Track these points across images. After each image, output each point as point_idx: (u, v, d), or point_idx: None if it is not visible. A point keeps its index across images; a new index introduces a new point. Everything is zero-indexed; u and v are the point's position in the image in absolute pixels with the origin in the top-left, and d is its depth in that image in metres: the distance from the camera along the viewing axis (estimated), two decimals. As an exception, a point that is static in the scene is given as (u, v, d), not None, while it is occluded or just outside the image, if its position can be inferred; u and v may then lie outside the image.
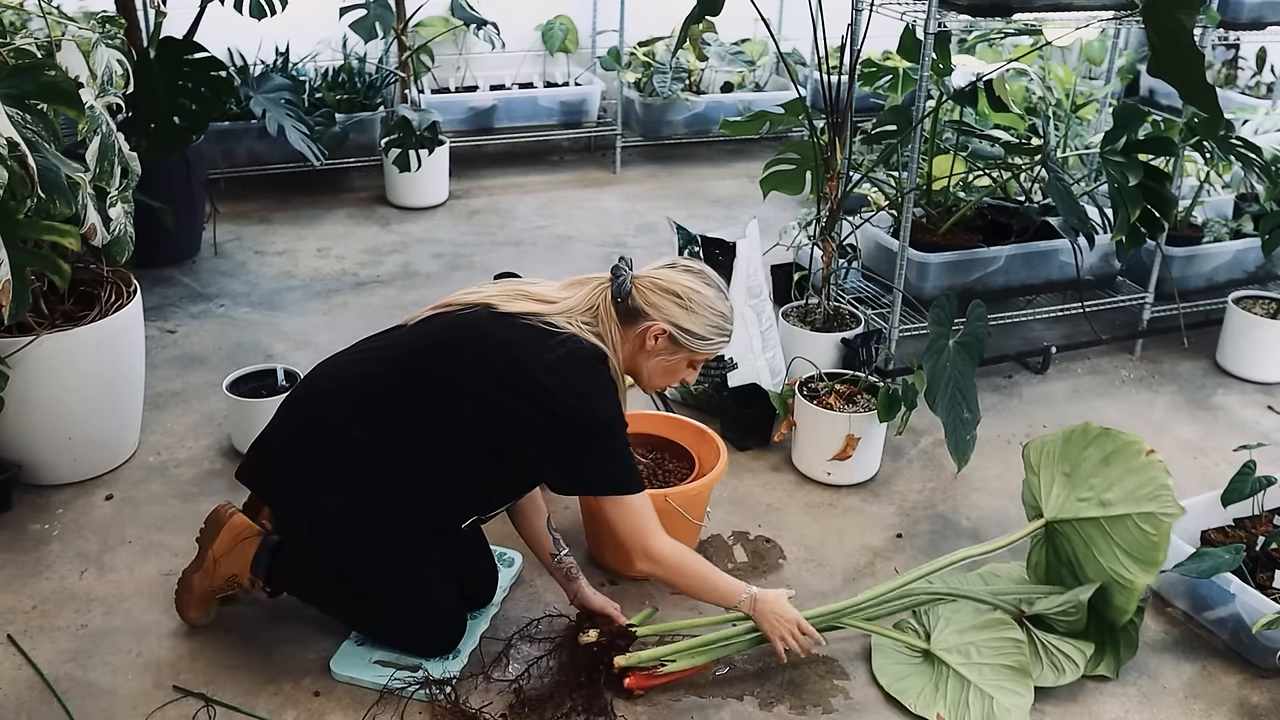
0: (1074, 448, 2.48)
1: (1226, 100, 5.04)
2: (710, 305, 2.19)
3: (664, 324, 2.17)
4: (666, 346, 2.20)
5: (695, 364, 2.26)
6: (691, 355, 2.22)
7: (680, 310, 2.18)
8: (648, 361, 2.23)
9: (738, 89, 5.88)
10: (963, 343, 2.90)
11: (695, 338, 2.19)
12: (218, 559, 2.36)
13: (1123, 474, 2.38)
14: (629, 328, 2.20)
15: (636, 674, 2.25)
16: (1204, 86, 2.54)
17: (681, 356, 2.23)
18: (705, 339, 2.20)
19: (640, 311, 2.18)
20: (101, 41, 2.91)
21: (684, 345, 2.19)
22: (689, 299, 2.18)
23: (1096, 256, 3.71)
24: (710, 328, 2.19)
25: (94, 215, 2.58)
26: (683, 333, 2.18)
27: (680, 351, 2.21)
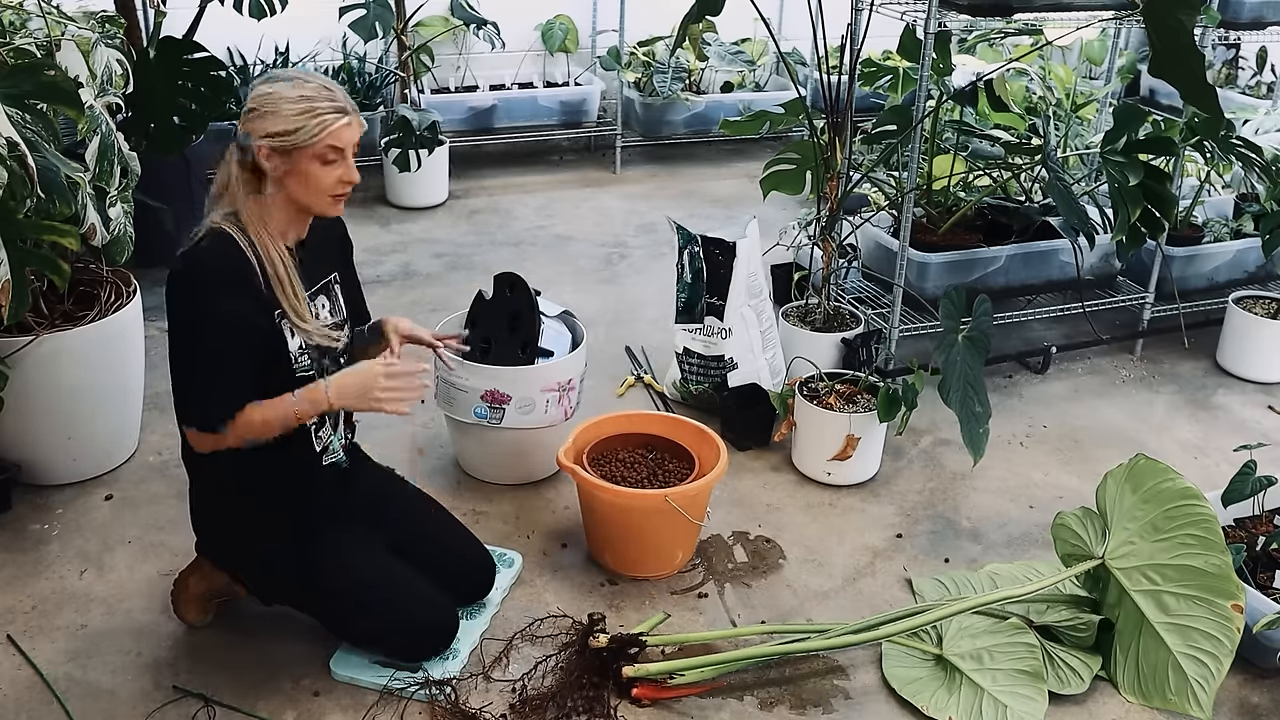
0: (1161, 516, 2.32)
1: (1227, 100, 5.04)
2: (285, 97, 2.02)
3: (260, 142, 2.03)
4: (281, 160, 2.04)
5: (322, 155, 2.05)
6: (305, 153, 2.03)
7: (260, 119, 2.03)
8: (287, 187, 2.07)
9: (738, 89, 5.88)
10: (971, 338, 2.90)
11: (288, 135, 2.02)
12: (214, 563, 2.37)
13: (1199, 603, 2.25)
14: (245, 163, 2.07)
15: (645, 685, 2.25)
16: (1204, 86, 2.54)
17: (297, 161, 2.04)
18: (297, 130, 2.01)
19: (248, 147, 2.06)
20: (101, 41, 2.91)
21: (290, 147, 2.03)
22: (261, 105, 2.03)
23: (1096, 256, 3.70)
24: (296, 116, 2.01)
25: (94, 215, 2.58)
26: (275, 138, 2.02)
27: (293, 156, 2.04)
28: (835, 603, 2.61)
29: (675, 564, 2.68)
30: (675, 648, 2.38)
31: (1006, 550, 2.83)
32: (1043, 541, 2.87)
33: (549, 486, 3.00)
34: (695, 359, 3.35)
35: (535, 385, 2.85)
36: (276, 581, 2.31)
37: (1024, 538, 2.88)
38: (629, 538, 2.63)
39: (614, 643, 2.30)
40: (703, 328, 3.31)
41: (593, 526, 2.69)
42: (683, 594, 2.61)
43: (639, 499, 2.56)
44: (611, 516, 2.62)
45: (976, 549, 2.83)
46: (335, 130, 2.04)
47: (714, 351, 3.31)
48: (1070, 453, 3.29)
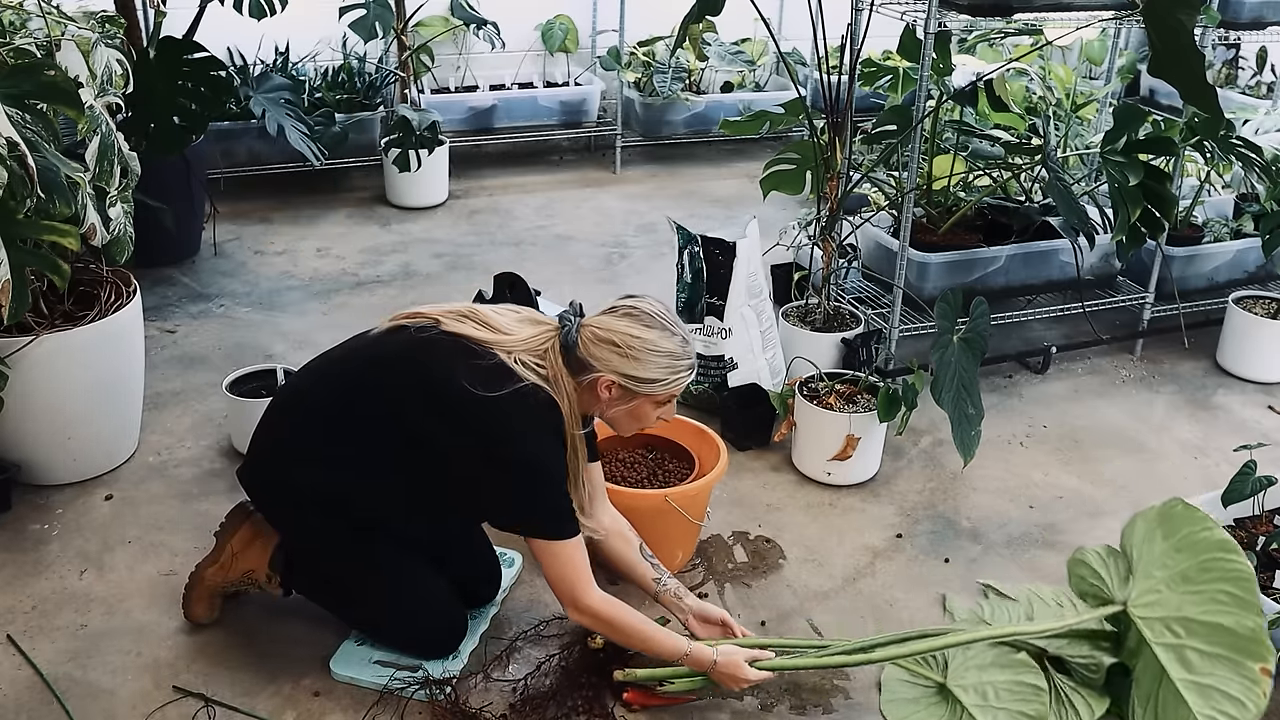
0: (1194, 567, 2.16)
1: (1227, 100, 5.05)
2: (653, 347, 2.10)
3: (611, 375, 2.10)
4: (621, 395, 2.13)
5: (660, 402, 2.17)
6: (651, 397, 2.14)
7: (621, 359, 2.09)
8: (608, 411, 2.18)
9: (738, 89, 5.88)
10: (966, 339, 2.90)
11: (645, 383, 2.11)
12: (236, 553, 2.36)
13: (1225, 663, 2.09)
14: (579, 376, 2.12)
15: (634, 690, 2.25)
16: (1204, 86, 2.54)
17: (641, 400, 2.14)
18: (657, 380, 2.11)
19: (587, 363, 2.11)
20: (101, 41, 2.91)
21: (638, 392, 2.12)
22: (628, 346, 2.09)
23: (1096, 256, 3.70)
24: (661, 369, 2.10)
25: (93, 215, 2.58)
26: (631, 380, 2.10)
27: (637, 397, 2.13)
28: (835, 603, 2.61)
29: (675, 564, 2.68)
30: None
31: (1006, 550, 2.83)
32: (1043, 542, 2.87)
33: (549, 486, 3.00)
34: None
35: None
36: (310, 550, 2.30)
37: (1024, 538, 2.88)
38: (629, 538, 2.63)
39: (609, 645, 2.29)
40: (703, 328, 3.31)
41: (593, 526, 2.69)
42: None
43: (639, 499, 2.56)
44: (611, 516, 2.61)
45: (976, 549, 2.83)
46: (683, 384, 2.15)
47: (714, 351, 3.31)
48: (1070, 453, 3.29)
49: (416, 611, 2.30)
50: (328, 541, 2.26)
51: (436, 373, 2.10)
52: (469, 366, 2.07)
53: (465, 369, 2.07)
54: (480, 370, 2.07)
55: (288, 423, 2.28)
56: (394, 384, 2.16)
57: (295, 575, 2.37)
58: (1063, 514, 2.99)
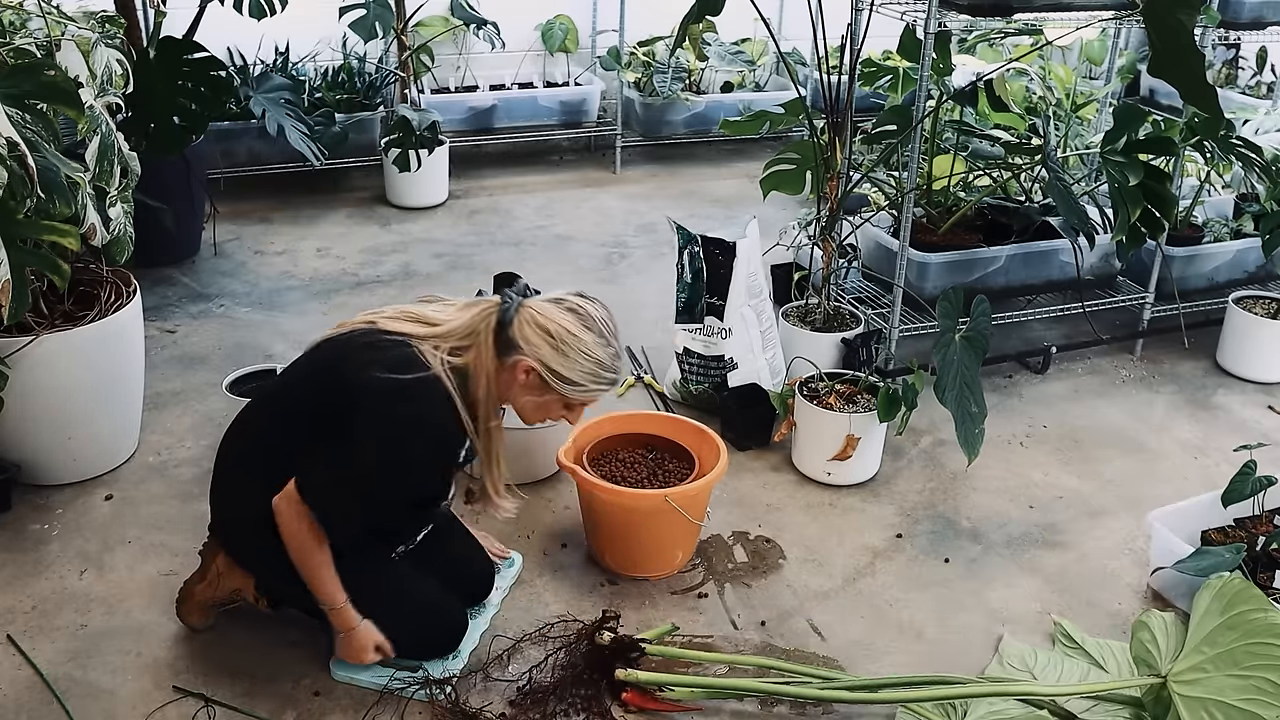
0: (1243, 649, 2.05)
1: (1227, 100, 5.04)
2: (585, 350, 2.06)
3: (533, 361, 2.06)
4: (536, 384, 2.09)
5: (571, 407, 2.14)
6: (564, 398, 2.10)
7: (550, 351, 2.06)
8: (519, 397, 2.13)
9: (738, 89, 5.88)
10: (968, 338, 2.90)
11: (564, 381, 2.07)
12: (221, 573, 2.36)
13: None
14: (503, 358, 2.08)
15: (634, 692, 2.25)
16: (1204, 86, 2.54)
17: (553, 398, 2.11)
18: (576, 385, 2.08)
19: (515, 343, 2.07)
20: (101, 41, 2.91)
21: (553, 388, 2.08)
22: (561, 340, 2.06)
23: (1096, 256, 3.70)
24: (583, 373, 2.07)
25: (93, 215, 2.58)
26: (551, 374, 2.06)
27: (550, 393, 2.09)
28: (835, 603, 2.61)
29: (675, 564, 2.68)
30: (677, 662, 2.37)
31: (1006, 550, 2.83)
32: (1043, 542, 2.87)
33: (549, 486, 3.00)
34: (695, 359, 3.35)
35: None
36: (294, 590, 2.27)
37: (1024, 538, 2.88)
38: (629, 538, 2.63)
39: (615, 643, 2.30)
40: (703, 328, 3.31)
41: (593, 526, 2.69)
42: (683, 594, 2.61)
43: (639, 499, 2.56)
44: (611, 516, 2.62)
45: (976, 549, 2.83)
46: (598, 397, 2.13)
47: (714, 351, 3.31)
48: (1070, 453, 3.29)
49: (411, 614, 2.30)
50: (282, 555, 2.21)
51: (348, 367, 2.09)
52: (377, 360, 2.05)
53: (373, 361, 2.05)
54: (385, 362, 2.04)
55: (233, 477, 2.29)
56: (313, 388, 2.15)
57: (290, 589, 2.36)
58: (1063, 514, 2.99)
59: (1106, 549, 2.84)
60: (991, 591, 2.67)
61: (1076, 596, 2.66)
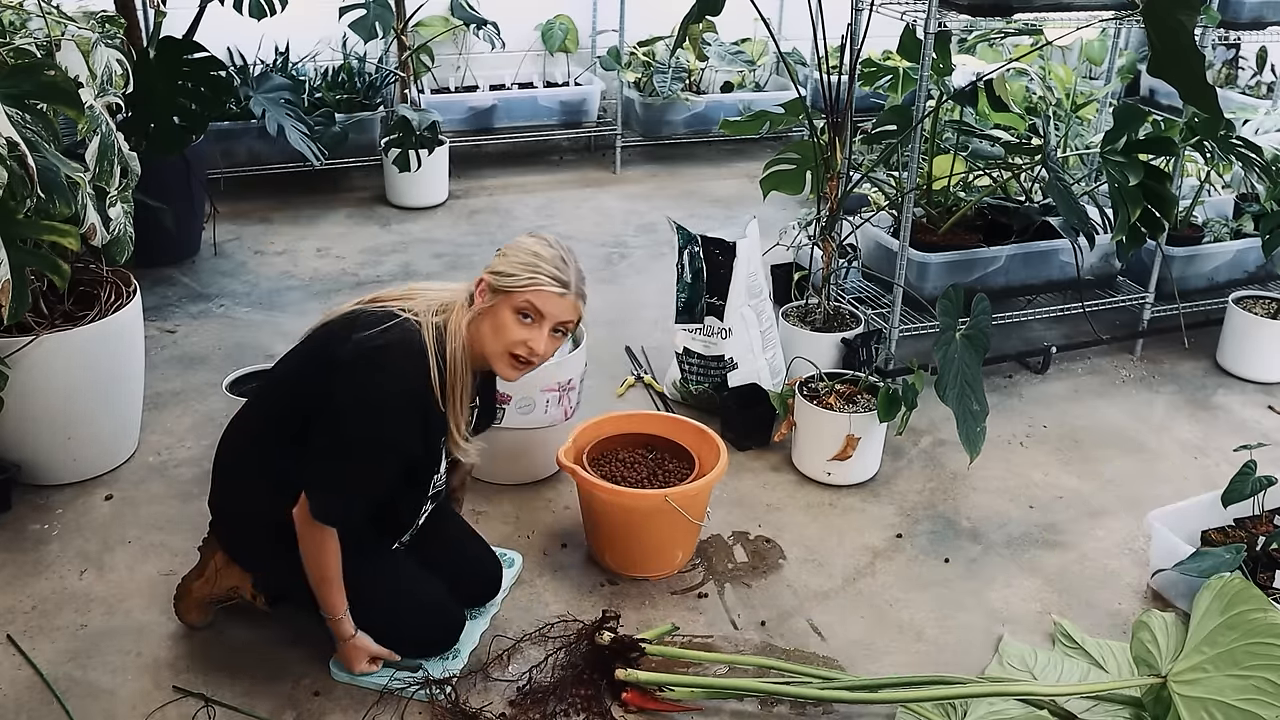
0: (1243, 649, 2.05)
1: (1227, 100, 5.05)
2: (524, 247, 2.15)
3: (483, 274, 2.16)
4: (487, 297, 2.14)
5: (520, 311, 2.12)
6: (509, 299, 2.12)
7: (497, 259, 2.17)
8: (480, 327, 2.14)
9: (738, 89, 5.88)
10: (968, 336, 2.90)
11: (504, 276, 2.12)
12: (220, 569, 2.36)
13: None
14: (476, 306, 2.17)
15: (634, 692, 2.25)
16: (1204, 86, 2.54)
17: (500, 304, 2.12)
18: (512, 275, 2.12)
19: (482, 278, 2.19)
20: (101, 41, 2.91)
21: (498, 288, 2.12)
22: (506, 249, 2.17)
23: (1096, 256, 3.70)
24: (518, 264, 2.13)
25: (93, 215, 2.58)
26: (493, 275, 2.13)
27: (498, 299, 2.12)
28: (835, 603, 2.61)
29: (675, 564, 2.68)
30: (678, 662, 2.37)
31: (1006, 550, 2.83)
32: (1043, 542, 2.87)
33: (549, 486, 3.00)
34: (695, 359, 3.35)
35: (535, 385, 2.84)
36: (291, 585, 2.29)
37: (1024, 538, 2.88)
38: (629, 538, 2.63)
39: (615, 643, 2.30)
40: (703, 328, 3.31)
41: (593, 526, 2.69)
42: (683, 594, 2.61)
43: (639, 499, 2.56)
44: (611, 516, 2.62)
45: (976, 549, 2.83)
46: (543, 292, 2.11)
47: (714, 351, 3.31)
48: (1070, 453, 3.29)
49: (410, 611, 2.30)
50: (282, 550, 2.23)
51: (330, 341, 2.16)
52: (356, 326, 2.12)
53: (352, 329, 2.12)
54: (364, 325, 2.11)
55: (229, 466, 2.33)
56: (299, 371, 2.23)
57: (289, 585, 2.37)
58: (1063, 514, 2.99)
59: (1106, 549, 2.85)
60: (991, 591, 2.67)
61: (1076, 596, 2.66)
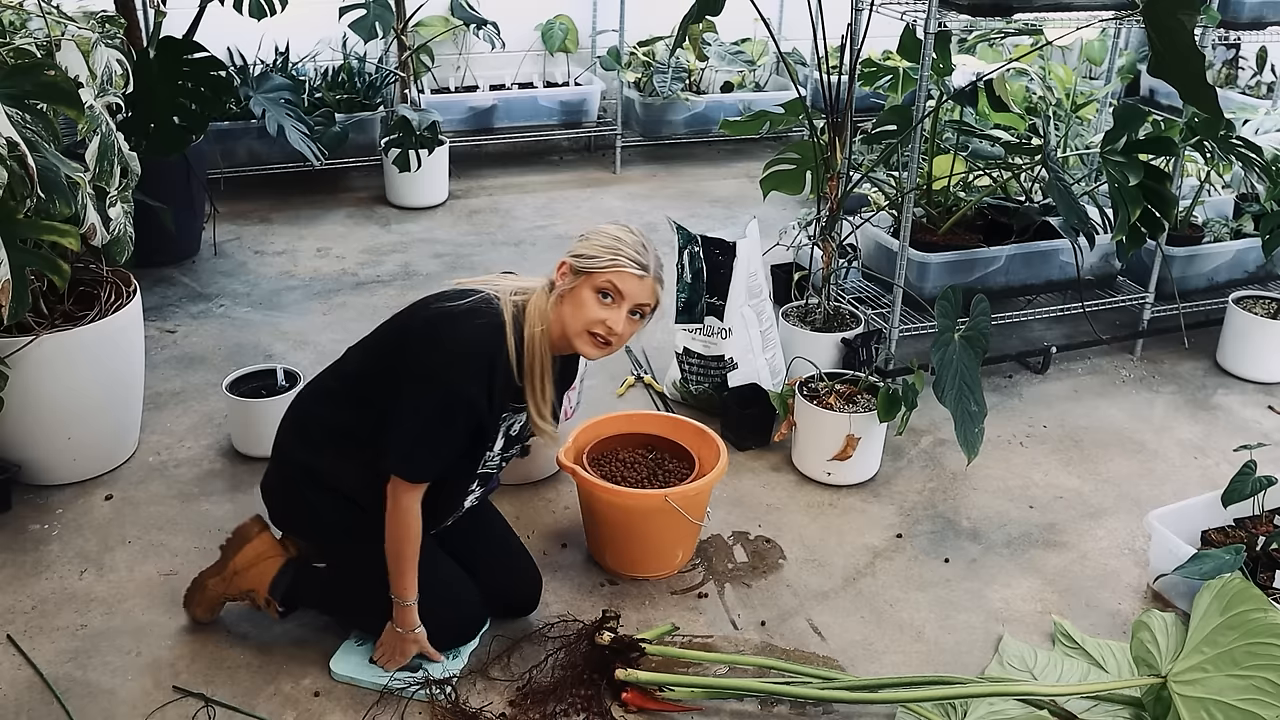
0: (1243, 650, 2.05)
1: (1227, 100, 5.04)
2: (604, 232, 2.22)
3: (565, 257, 2.22)
4: (568, 279, 2.20)
5: (600, 290, 2.17)
6: (590, 280, 2.17)
7: (579, 243, 2.22)
8: (561, 308, 2.20)
9: (738, 89, 5.88)
10: (967, 337, 2.90)
11: (586, 258, 2.18)
12: (238, 571, 2.38)
13: None
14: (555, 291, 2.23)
15: (634, 691, 2.25)
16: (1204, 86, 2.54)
17: (582, 284, 2.18)
18: (594, 257, 2.17)
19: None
20: (101, 41, 2.91)
21: (579, 270, 2.18)
22: (588, 234, 2.23)
23: (1096, 256, 3.70)
24: (600, 247, 2.18)
25: (93, 215, 2.58)
26: (576, 258, 2.19)
27: (579, 280, 2.18)
28: (835, 603, 2.61)
29: (675, 564, 2.68)
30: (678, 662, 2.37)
31: (1006, 550, 2.83)
32: (1043, 542, 2.87)
33: (549, 486, 3.00)
34: (695, 359, 3.35)
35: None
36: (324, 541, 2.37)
37: (1024, 538, 2.88)
38: (629, 538, 2.63)
39: (615, 643, 2.30)
40: (703, 328, 3.31)
41: (593, 526, 2.69)
42: (683, 594, 2.61)
43: (639, 499, 2.56)
44: (611, 516, 2.62)
45: (976, 549, 2.83)
46: (624, 273, 2.16)
47: (714, 351, 3.31)
48: (1070, 453, 3.29)
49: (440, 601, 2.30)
50: (345, 531, 2.30)
51: (415, 307, 2.25)
52: (442, 296, 2.22)
53: (437, 298, 2.22)
54: (448, 296, 2.21)
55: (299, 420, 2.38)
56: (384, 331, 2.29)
57: (312, 592, 2.39)
58: (1063, 514, 2.99)
59: (1106, 549, 2.85)
60: (991, 591, 2.67)
61: (1076, 596, 2.66)
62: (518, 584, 2.48)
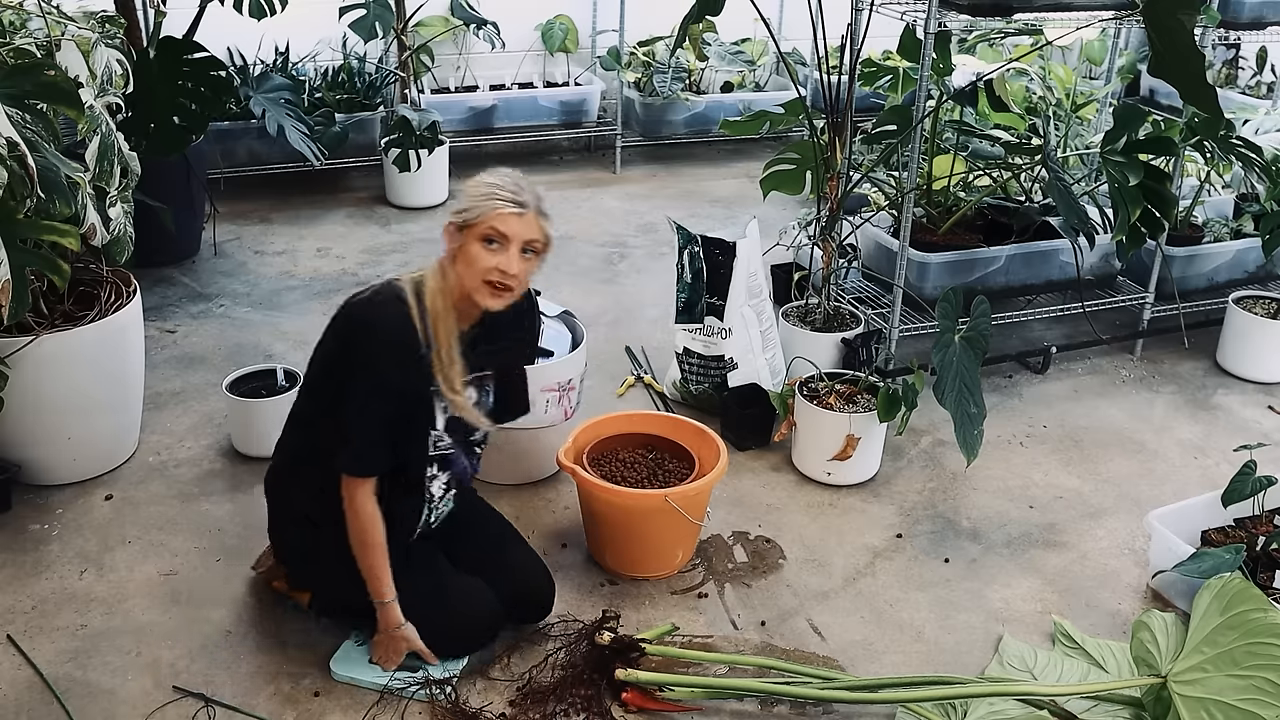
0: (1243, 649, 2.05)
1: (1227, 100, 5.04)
2: (478, 182, 2.20)
3: (448, 219, 2.21)
4: (455, 238, 2.19)
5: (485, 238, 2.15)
6: (474, 231, 2.16)
7: (456, 202, 2.23)
8: (456, 269, 2.19)
9: (738, 89, 5.88)
10: (968, 338, 2.90)
11: (464, 212, 2.17)
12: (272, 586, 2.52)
13: None
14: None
15: (634, 691, 2.25)
16: (1204, 86, 2.54)
17: (468, 239, 2.16)
18: (470, 208, 2.16)
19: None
20: (101, 41, 2.91)
21: (462, 225, 2.17)
22: (464, 189, 2.21)
23: (1096, 256, 3.70)
24: (475, 197, 2.17)
25: (93, 215, 2.58)
26: (456, 214, 2.18)
27: (464, 235, 2.17)
28: (835, 603, 2.61)
29: (675, 564, 2.68)
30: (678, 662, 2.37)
31: (1006, 550, 2.83)
32: (1043, 542, 2.87)
33: (549, 486, 3.00)
34: (695, 359, 3.35)
35: (535, 385, 2.84)
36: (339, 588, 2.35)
37: (1024, 538, 2.88)
38: (629, 538, 2.63)
39: (615, 643, 2.30)
40: (703, 328, 3.31)
41: (593, 526, 2.69)
42: (683, 594, 2.61)
43: (639, 499, 2.56)
44: (611, 516, 2.62)
45: (976, 549, 2.83)
46: (504, 215, 2.15)
47: (714, 351, 3.31)
48: (1070, 453, 3.29)
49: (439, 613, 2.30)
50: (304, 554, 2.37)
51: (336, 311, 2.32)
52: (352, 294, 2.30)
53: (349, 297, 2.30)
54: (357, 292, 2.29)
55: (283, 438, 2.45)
56: (320, 343, 2.36)
57: (320, 597, 2.41)
58: (1063, 514, 2.99)
59: (1106, 549, 2.85)
60: (991, 591, 2.67)
61: (1076, 596, 2.66)
62: (520, 588, 2.45)
